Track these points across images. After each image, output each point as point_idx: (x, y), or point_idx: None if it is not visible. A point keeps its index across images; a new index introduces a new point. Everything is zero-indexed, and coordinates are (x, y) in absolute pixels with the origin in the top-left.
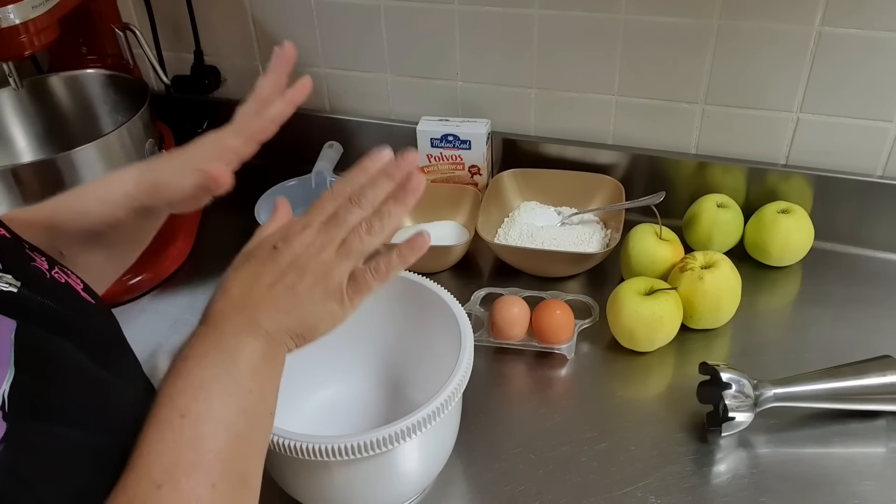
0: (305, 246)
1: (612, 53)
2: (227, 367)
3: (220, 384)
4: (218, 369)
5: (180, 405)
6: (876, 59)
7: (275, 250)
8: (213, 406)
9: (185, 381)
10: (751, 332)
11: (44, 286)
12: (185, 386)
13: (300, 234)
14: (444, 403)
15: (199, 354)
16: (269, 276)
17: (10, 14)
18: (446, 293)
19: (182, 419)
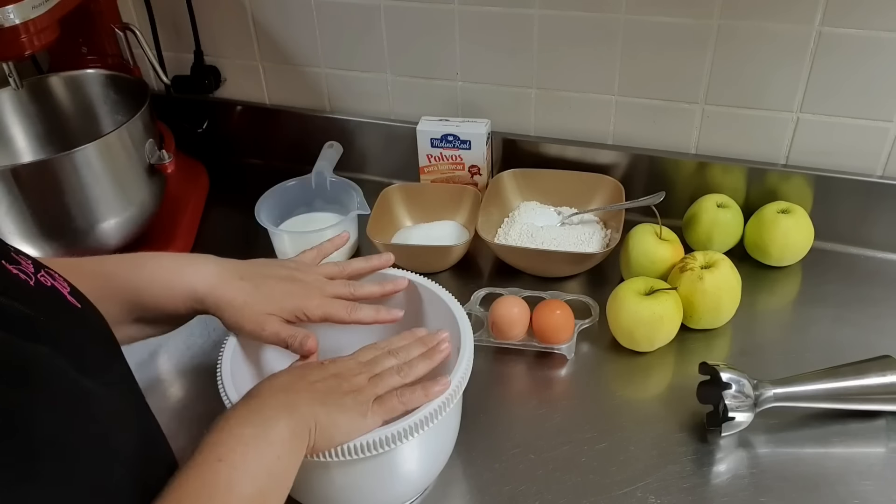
0: (348, 368)
1: (612, 53)
2: (264, 431)
3: (256, 443)
4: (256, 430)
5: (220, 452)
6: (876, 59)
7: (322, 365)
8: (247, 459)
9: (227, 434)
10: (751, 332)
11: (25, 293)
12: (227, 438)
13: (344, 360)
14: (445, 404)
15: (242, 416)
16: (314, 377)
17: (10, 14)
18: (446, 293)
19: (219, 463)
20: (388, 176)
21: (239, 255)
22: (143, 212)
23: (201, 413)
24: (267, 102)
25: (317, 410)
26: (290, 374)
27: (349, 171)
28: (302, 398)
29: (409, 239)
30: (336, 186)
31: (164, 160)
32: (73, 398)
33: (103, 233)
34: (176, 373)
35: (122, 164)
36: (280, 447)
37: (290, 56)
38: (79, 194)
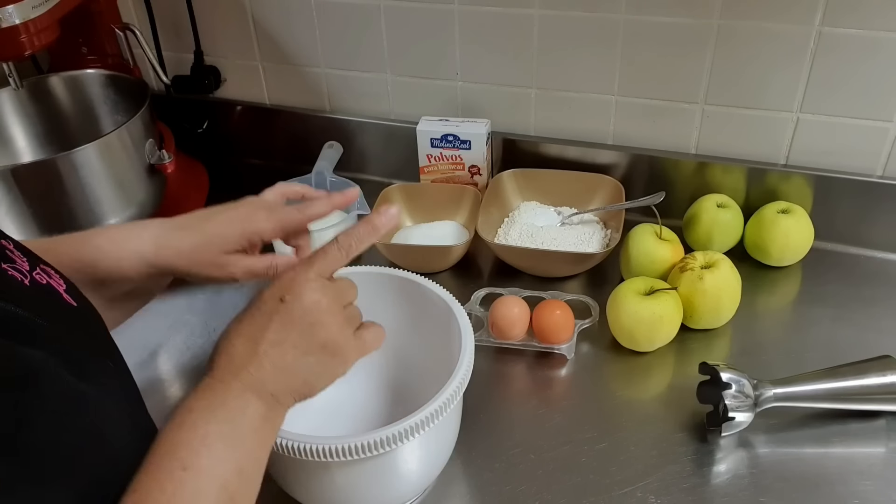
0: (313, 303)
1: (611, 53)
2: (232, 425)
3: (224, 441)
4: (222, 426)
5: (182, 457)
6: (876, 59)
7: (282, 303)
8: (214, 463)
9: (190, 433)
10: (751, 332)
11: (19, 292)
12: (190, 438)
13: (311, 291)
14: (445, 404)
15: (205, 408)
16: (275, 331)
17: (10, 14)
18: (446, 293)
19: (183, 472)
20: (388, 176)
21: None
22: (143, 212)
23: None
24: (267, 102)
25: (287, 382)
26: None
27: (349, 171)
28: (268, 372)
29: (409, 239)
30: (336, 186)
31: (164, 160)
32: (69, 402)
33: None
34: (176, 373)
35: (122, 164)
36: (251, 439)
37: (290, 56)
38: (79, 194)
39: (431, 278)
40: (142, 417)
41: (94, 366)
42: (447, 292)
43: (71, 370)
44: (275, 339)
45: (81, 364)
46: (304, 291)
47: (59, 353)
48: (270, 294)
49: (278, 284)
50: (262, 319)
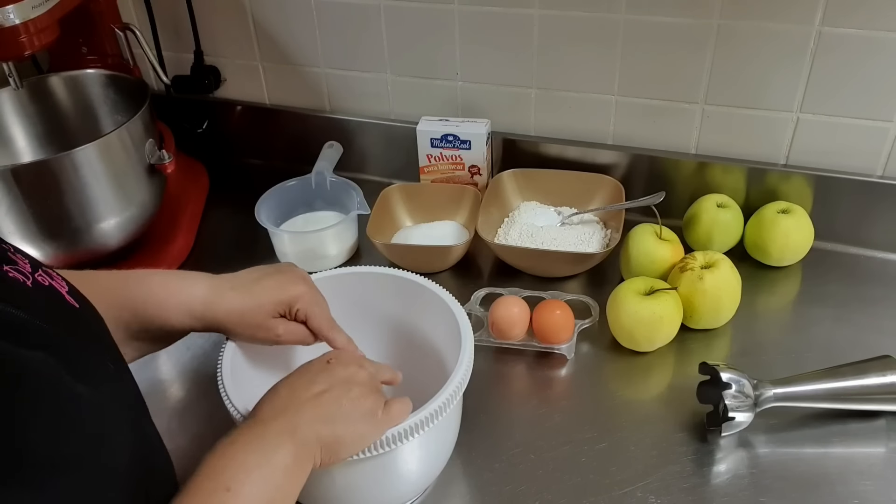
0: (356, 367)
1: (612, 53)
2: (267, 458)
3: (260, 471)
4: (259, 459)
5: (225, 480)
6: (876, 59)
7: (328, 364)
8: (252, 488)
9: (231, 461)
10: (751, 332)
11: (21, 295)
12: (230, 465)
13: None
14: (445, 404)
15: (245, 442)
16: (318, 386)
17: (10, 14)
18: (446, 293)
19: (227, 493)
20: (388, 176)
21: (239, 255)
22: (143, 212)
23: (201, 413)
24: (267, 102)
25: (320, 431)
26: (293, 385)
27: (349, 171)
28: (304, 418)
29: (409, 239)
30: (336, 186)
31: (164, 160)
32: (65, 406)
33: (103, 233)
34: (176, 373)
35: (122, 164)
36: (282, 475)
37: (290, 56)
38: (79, 194)
39: (431, 278)
40: (142, 420)
41: (94, 368)
42: (447, 292)
43: (70, 372)
44: (316, 390)
45: (81, 366)
46: (348, 360)
47: (58, 355)
48: (318, 359)
49: (327, 354)
50: (307, 375)
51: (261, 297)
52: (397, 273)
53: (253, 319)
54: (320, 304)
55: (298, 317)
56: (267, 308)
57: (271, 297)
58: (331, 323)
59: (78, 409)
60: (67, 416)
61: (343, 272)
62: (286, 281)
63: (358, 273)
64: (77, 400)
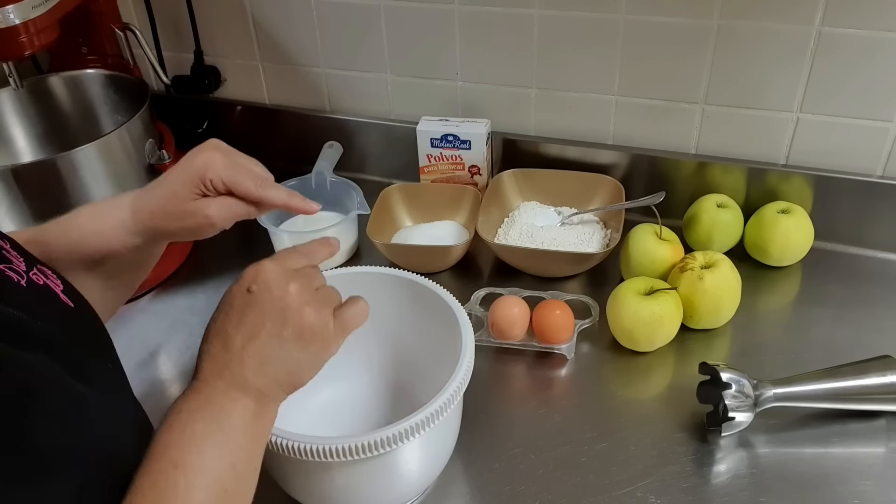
0: (283, 285)
1: (612, 53)
2: (219, 422)
3: (213, 439)
4: (211, 425)
5: (174, 457)
6: (876, 59)
7: (250, 294)
8: (205, 459)
9: (180, 433)
10: (751, 332)
11: (17, 294)
12: (180, 438)
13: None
14: (446, 404)
15: (194, 409)
16: (249, 325)
17: (10, 14)
18: (446, 293)
19: (175, 470)
20: (388, 176)
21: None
22: None
23: None
24: (267, 102)
25: (270, 375)
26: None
27: (349, 171)
28: (249, 367)
29: (409, 239)
30: (336, 186)
31: (164, 160)
32: (68, 404)
33: None
34: (176, 373)
35: (122, 164)
36: (241, 436)
37: (290, 56)
38: (79, 194)
39: (431, 278)
40: (139, 416)
41: (93, 366)
42: (447, 292)
43: (71, 373)
44: (250, 332)
45: (81, 365)
46: (270, 280)
47: (58, 356)
48: (238, 288)
49: (244, 277)
50: (234, 315)
51: (172, 182)
52: (397, 273)
53: (176, 209)
54: (241, 164)
55: (220, 188)
56: (181, 191)
57: (180, 178)
58: (259, 182)
59: (83, 410)
60: (70, 415)
61: (343, 272)
62: (192, 154)
63: (358, 273)
64: (79, 398)
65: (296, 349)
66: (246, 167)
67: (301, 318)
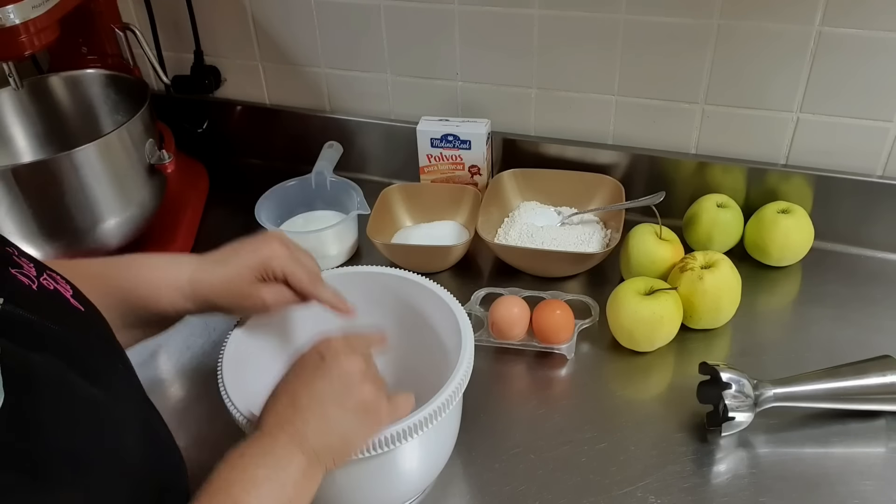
0: (350, 356)
1: (612, 53)
2: (277, 472)
3: (270, 486)
4: (269, 471)
5: (234, 494)
6: (876, 59)
7: (322, 361)
8: (261, 502)
9: (241, 473)
10: (751, 332)
11: (29, 298)
12: (241, 478)
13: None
14: (445, 404)
15: (255, 454)
16: (317, 387)
17: (10, 14)
18: (446, 293)
19: None
20: (388, 176)
21: None
22: (143, 212)
23: (201, 413)
24: (267, 102)
25: (329, 439)
26: (292, 390)
27: (349, 171)
28: (310, 428)
29: (409, 239)
30: (336, 186)
31: (164, 160)
32: (79, 407)
33: (103, 233)
34: (176, 373)
35: (122, 164)
36: (293, 488)
37: (290, 56)
38: (79, 194)
39: (431, 278)
40: (152, 419)
41: (105, 370)
42: (447, 292)
43: (81, 374)
44: (317, 395)
45: (93, 368)
46: (342, 353)
47: (68, 358)
48: (310, 355)
49: (317, 347)
50: (304, 376)
51: (238, 265)
52: (397, 273)
53: (236, 289)
54: (300, 260)
55: (279, 277)
56: (245, 274)
57: (246, 262)
58: (313, 278)
59: (93, 409)
60: (83, 418)
61: (343, 272)
62: (259, 243)
63: (358, 273)
64: (91, 400)
65: (354, 420)
66: (303, 262)
67: (363, 392)
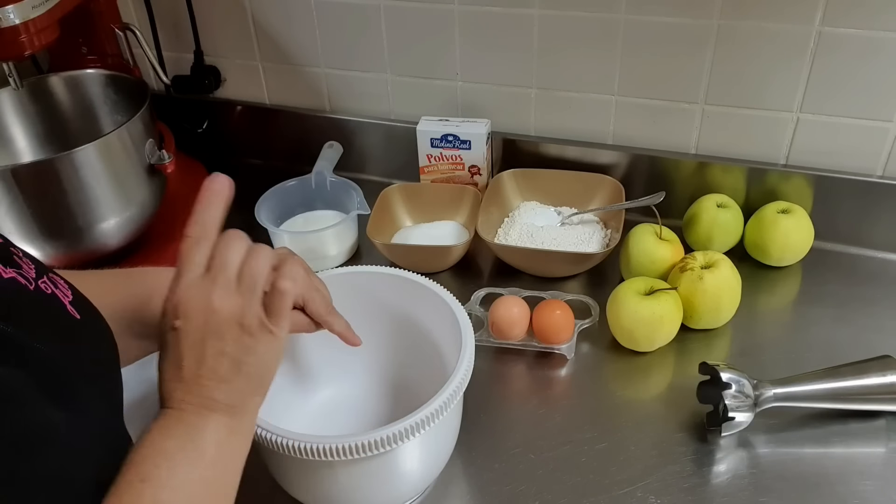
0: (204, 310)
1: (612, 53)
2: (191, 438)
3: (184, 454)
4: (182, 440)
5: (142, 471)
6: (876, 59)
7: (175, 332)
8: (175, 474)
9: (149, 449)
10: (751, 332)
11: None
12: (149, 453)
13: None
14: (446, 403)
15: (164, 427)
16: (192, 356)
17: (10, 14)
18: (446, 293)
19: (142, 484)
20: (388, 176)
21: None
22: (143, 212)
23: None
24: (267, 102)
25: (236, 387)
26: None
27: (349, 171)
28: (211, 388)
29: (409, 239)
30: (336, 186)
31: (164, 160)
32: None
33: (103, 233)
34: None
35: (122, 164)
36: (214, 451)
37: (290, 56)
38: (79, 194)
39: (431, 278)
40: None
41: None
42: (447, 292)
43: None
44: (196, 361)
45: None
46: (190, 307)
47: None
48: (164, 325)
49: (166, 315)
50: (174, 352)
51: None
52: (397, 273)
53: None
54: (318, 289)
55: (297, 302)
56: None
57: None
58: (329, 308)
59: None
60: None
61: (343, 272)
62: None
63: (358, 273)
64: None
65: (246, 356)
66: (320, 290)
67: (234, 328)
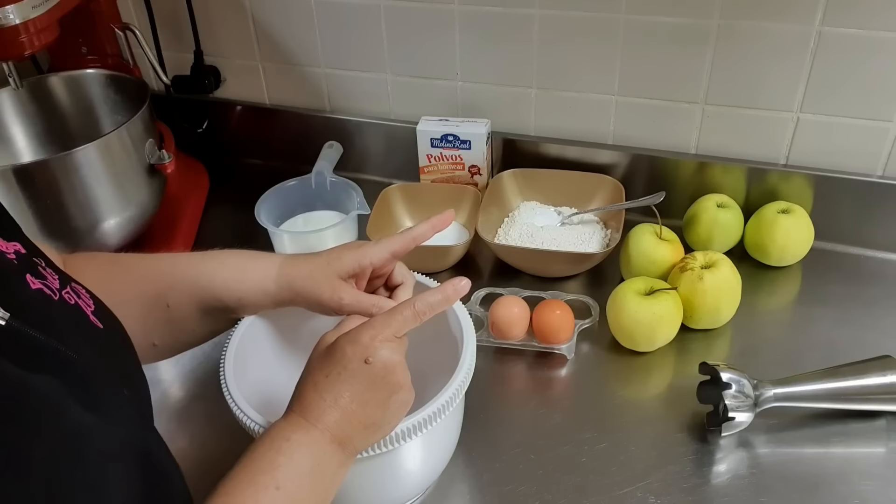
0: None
1: (612, 53)
2: (320, 464)
3: (312, 477)
4: (314, 463)
5: (279, 479)
6: (876, 59)
7: (366, 365)
8: (301, 491)
9: (287, 460)
10: (751, 332)
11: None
12: (287, 464)
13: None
14: (447, 403)
15: (303, 444)
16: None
17: (10, 14)
18: None
19: (277, 491)
20: (388, 176)
21: None
22: (143, 212)
23: (201, 414)
24: (267, 102)
25: (372, 439)
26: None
27: (349, 171)
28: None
29: None
30: (336, 186)
31: (164, 160)
32: (67, 437)
33: (103, 233)
34: (176, 373)
35: (122, 164)
36: (330, 482)
37: (290, 56)
38: (79, 194)
39: (432, 278)
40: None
41: (107, 394)
42: None
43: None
44: (363, 400)
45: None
46: (386, 353)
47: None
48: (353, 353)
49: (361, 345)
50: (350, 380)
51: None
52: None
53: (322, 274)
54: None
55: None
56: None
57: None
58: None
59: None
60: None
61: None
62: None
63: None
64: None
65: (394, 417)
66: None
67: (402, 387)
